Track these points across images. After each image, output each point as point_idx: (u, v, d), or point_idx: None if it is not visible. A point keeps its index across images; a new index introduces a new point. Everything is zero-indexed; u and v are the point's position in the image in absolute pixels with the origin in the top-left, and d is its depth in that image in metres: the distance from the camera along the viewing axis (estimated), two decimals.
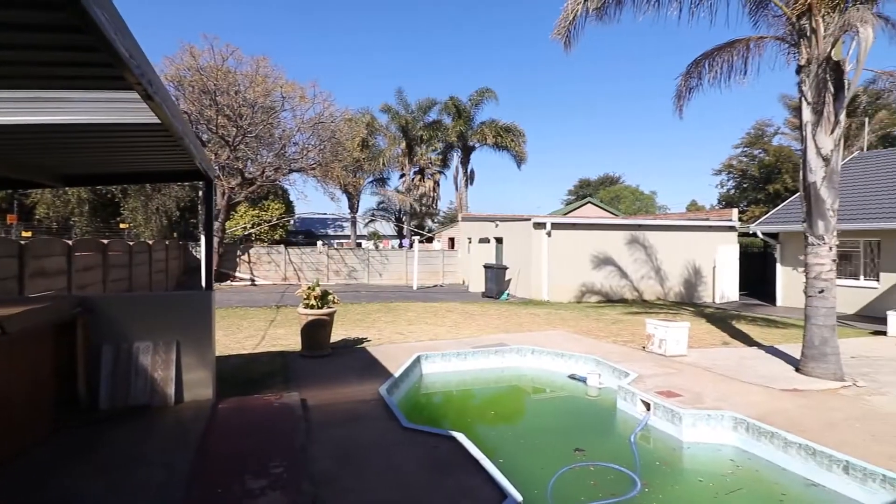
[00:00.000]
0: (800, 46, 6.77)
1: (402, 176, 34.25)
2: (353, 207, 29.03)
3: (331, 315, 7.91)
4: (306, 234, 37.75)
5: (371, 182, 32.07)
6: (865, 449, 4.37)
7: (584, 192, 58.54)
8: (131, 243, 13.56)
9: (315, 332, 7.71)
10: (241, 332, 10.02)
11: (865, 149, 21.69)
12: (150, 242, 15.69)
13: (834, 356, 6.74)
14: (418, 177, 35.25)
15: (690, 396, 5.86)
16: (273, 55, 59.74)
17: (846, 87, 6.49)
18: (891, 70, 7.31)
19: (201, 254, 20.37)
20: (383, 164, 28.45)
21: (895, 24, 7.01)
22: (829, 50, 6.43)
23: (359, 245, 33.16)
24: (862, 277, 14.34)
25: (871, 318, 12.92)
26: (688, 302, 17.74)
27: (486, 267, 17.65)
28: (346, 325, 10.77)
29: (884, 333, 10.67)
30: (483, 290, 18.00)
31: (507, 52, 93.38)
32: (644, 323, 11.66)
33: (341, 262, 23.36)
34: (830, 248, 6.79)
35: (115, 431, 4.35)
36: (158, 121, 3.23)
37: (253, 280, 22.03)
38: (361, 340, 9.15)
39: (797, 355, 7.73)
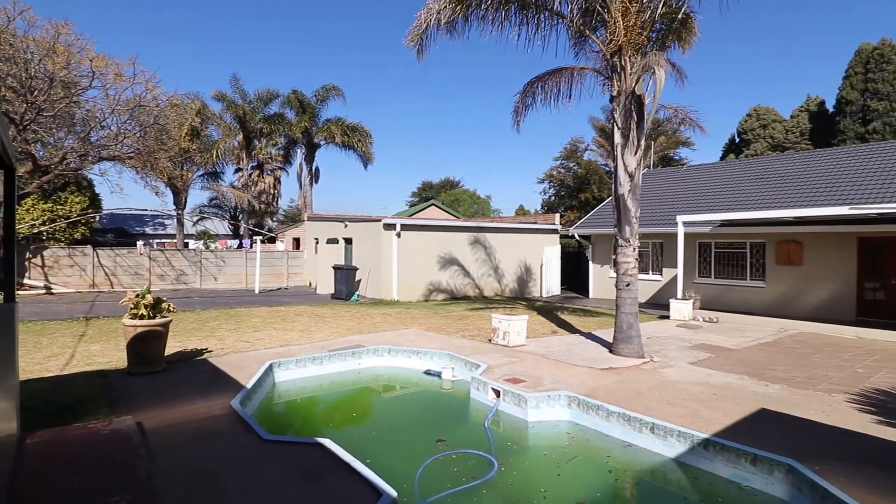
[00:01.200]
0: (612, 80, 8.08)
1: (239, 170, 31.66)
2: (181, 203, 25.90)
3: (165, 325, 7.04)
4: (117, 232, 32.62)
5: (202, 176, 29.01)
6: (664, 411, 5.42)
7: (427, 194, 60.79)
8: None
9: (146, 345, 6.78)
10: (41, 350, 8.34)
11: (651, 167, 26.51)
12: None
13: (637, 338, 8.17)
14: (257, 172, 32.94)
15: (532, 381, 6.58)
16: (89, 29, 49.96)
17: (645, 117, 7.94)
18: (675, 105, 9.13)
19: None
20: (217, 156, 25.91)
21: (680, 70, 8.79)
22: (633, 85, 7.79)
23: (186, 245, 29.77)
24: (651, 272, 17.50)
25: (658, 305, 15.83)
26: (521, 297, 19.67)
27: (336, 268, 17.32)
28: (180, 335, 9.66)
29: (667, 317, 13.20)
30: (332, 291, 17.62)
31: (353, 52, 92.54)
32: (487, 318, 12.67)
33: (167, 264, 20.71)
34: (634, 249, 8.22)
35: None
36: None
37: (49, 288, 18.29)
38: (201, 352, 8.31)
39: (610, 339, 9.17)
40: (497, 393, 6.38)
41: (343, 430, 5.84)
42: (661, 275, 17.32)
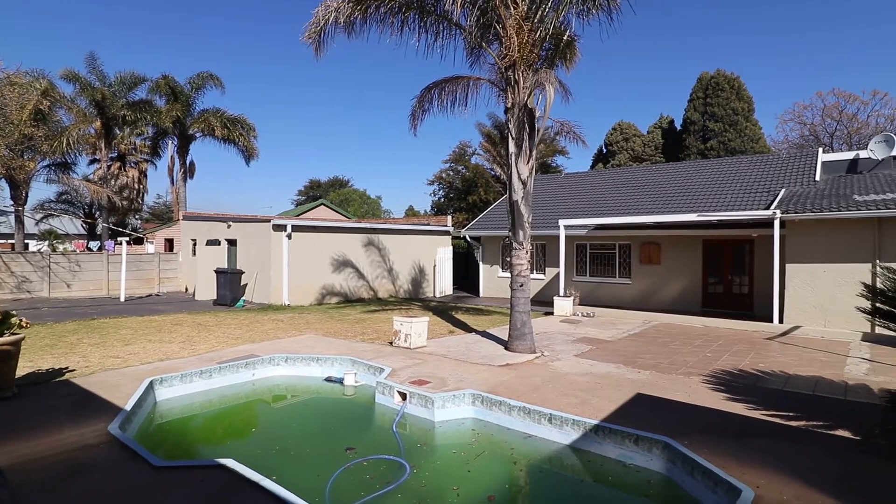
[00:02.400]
0: (507, 92, 8.55)
1: (96, 162, 27.91)
2: (21, 198, 22.07)
3: (16, 344, 6.04)
4: None
5: (49, 167, 25.02)
6: (559, 402, 5.89)
7: (314, 193, 58.75)
8: None
9: None
10: None
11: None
12: None
13: (530, 334, 8.74)
14: (118, 164, 29.34)
15: (437, 382, 6.74)
16: None
17: (536, 129, 8.53)
18: (561, 119, 9.93)
19: None
20: (68, 144, 22.49)
21: (565, 87, 9.57)
22: (526, 99, 8.33)
23: (27, 247, 25.57)
24: (535, 272, 18.74)
25: (542, 302, 17.00)
26: (415, 297, 19.91)
27: (219, 272, 16.06)
28: (30, 353, 8.32)
29: (552, 314, 14.26)
30: (215, 297, 16.31)
31: (237, 44, 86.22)
32: (385, 320, 12.67)
33: (5, 270, 17.57)
34: (527, 252, 8.79)
35: None
36: None
37: None
38: (61, 371, 7.24)
39: (504, 336, 9.70)
40: (403, 396, 6.43)
41: (244, 448, 5.49)
42: (544, 274, 18.65)
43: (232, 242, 18.15)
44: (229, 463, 4.15)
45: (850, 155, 16.08)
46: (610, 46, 40.12)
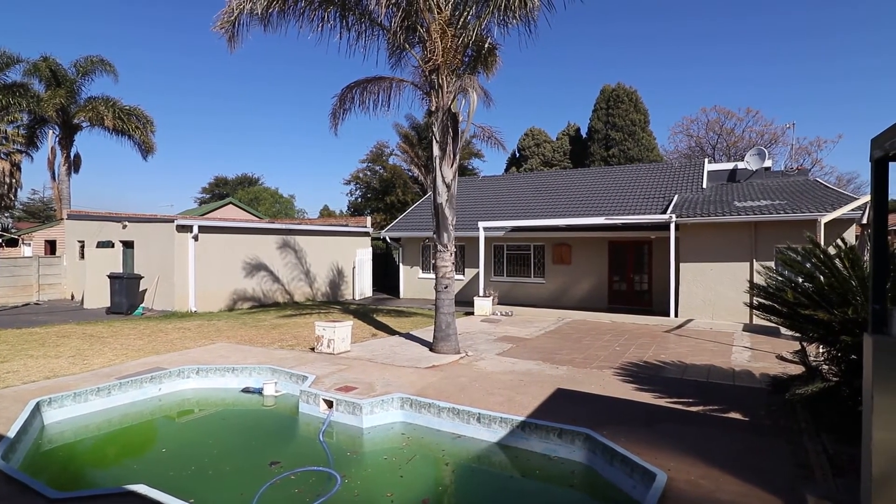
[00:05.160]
0: (431, 96, 8.62)
1: None
2: None
3: None
4: None
5: None
6: (486, 401, 6.05)
7: (221, 191, 55.25)
8: None
9: None
10: None
11: None
12: None
13: (454, 335, 8.88)
14: None
15: (364, 387, 6.64)
16: None
17: (460, 133, 8.68)
18: (483, 125, 10.19)
19: None
20: None
21: (487, 93, 9.83)
22: (450, 103, 8.45)
23: None
24: (456, 273, 19.04)
25: (462, 302, 17.27)
26: (334, 301, 19.42)
27: (113, 277, 14.55)
28: None
29: (472, 313, 14.58)
30: (109, 305, 14.76)
31: (131, 28, 78.58)
32: (303, 324, 12.24)
33: None
34: (451, 254, 8.92)
35: None
36: None
37: None
38: None
39: (428, 338, 9.76)
40: (329, 403, 6.26)
41: (155, 470, 5.02)
42: (463, 275, 19.00)
43: (128, 244, 16.54)
44: (139, 489, 3.81)
45: (730, 165, 18.07)
46: (526, 54, 41.82)
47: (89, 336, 10.68)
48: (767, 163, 16.96)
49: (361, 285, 20.60)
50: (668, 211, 13.70)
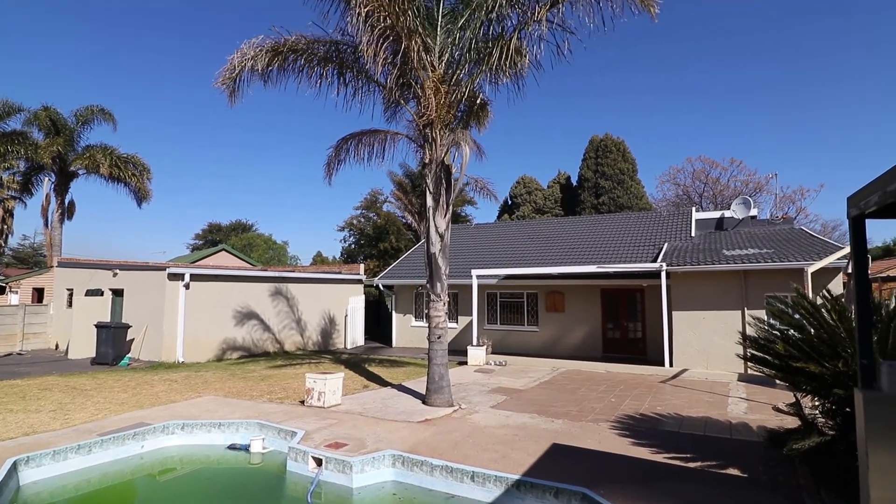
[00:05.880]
0: (425, 148, 8.87)
1: None
2: None
3: None
4: None
5: None
6: (479, 458, 5.89)
7: (214, 237, 55.30)
8: None
9: None
10: None
11: None
12: None
13: (447, 387, 8.74)
14: None
15: (355, 443, 6.45)
16: None
17: (453, 184, 8.88)
18: (476, 176, 10.44)
19: None
20: None
21: (479, 146, 10.14)
22: (443, 155, 8.69)
23: None
24: (449, 321, 18.91)
25: (457, 350, 17.10)
26: (325, 350, 19.11)
27: (100, 326, 14.30)
28: None
29: (465, 363, 14.39)
30: (94, 355, 14.43)
31: (131, 80, 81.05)
32: (293, 375, 12.01)
33: None
34: (444, 304, 8.91)
35: None
36: None
37: None
38: None
39: (421, 389, 9.59)
40: (318, 461, 6.06)
41: None
42: (457, 322, 18.88)
43: (118, 293, 16.37)
44: None
45: (717, 214, 18.47)
46: (516, 106, 43.31)
47: (72, 389, 10.38)
48: (753, 211, 17.36)
49: (353, 334, 20.35)
50: (659, 259, 13.86)
